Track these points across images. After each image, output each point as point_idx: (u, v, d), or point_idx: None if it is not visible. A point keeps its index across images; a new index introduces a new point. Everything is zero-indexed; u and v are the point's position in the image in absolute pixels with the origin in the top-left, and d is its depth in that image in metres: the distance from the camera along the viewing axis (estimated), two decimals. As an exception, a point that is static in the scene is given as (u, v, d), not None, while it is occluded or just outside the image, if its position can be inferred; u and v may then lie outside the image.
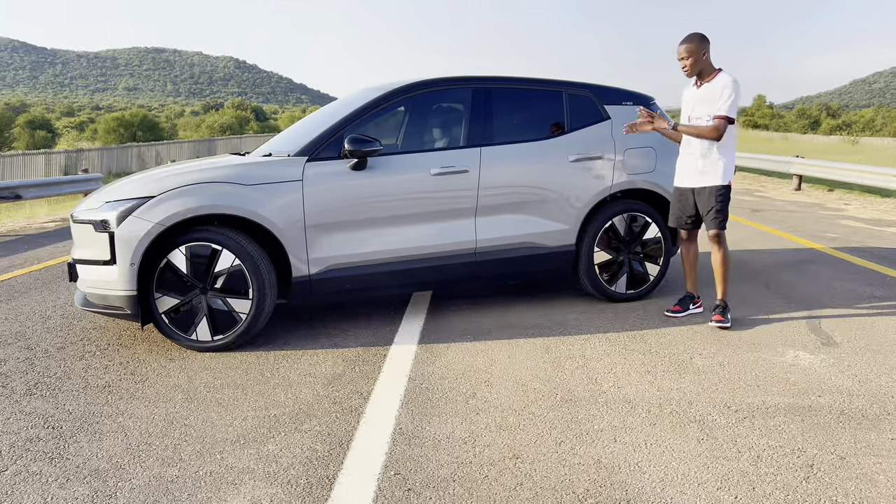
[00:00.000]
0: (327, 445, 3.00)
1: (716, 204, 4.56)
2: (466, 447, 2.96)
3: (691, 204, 4.71)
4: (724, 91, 4.43)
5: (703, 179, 4.60)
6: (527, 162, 4.91)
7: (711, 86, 4.50)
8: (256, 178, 4.29)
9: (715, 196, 4.56)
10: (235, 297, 4.22)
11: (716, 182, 4.56)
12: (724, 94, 4.43)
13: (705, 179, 4.59)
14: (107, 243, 4.09)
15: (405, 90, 4.83)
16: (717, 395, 3.48)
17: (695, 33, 4.55)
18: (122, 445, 3.02)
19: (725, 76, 4.48)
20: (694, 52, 4.50)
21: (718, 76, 4.51)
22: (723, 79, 4.47)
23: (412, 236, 4.62)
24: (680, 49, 4.56)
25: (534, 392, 3.55)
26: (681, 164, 4.77)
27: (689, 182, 4.68)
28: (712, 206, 4.57)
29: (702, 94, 4.55)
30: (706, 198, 4.59)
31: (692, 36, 4.54)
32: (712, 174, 4.57)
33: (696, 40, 4.51)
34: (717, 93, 4.45)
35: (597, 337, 4.44)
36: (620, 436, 3.04)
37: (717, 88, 4.47)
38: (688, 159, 4.68)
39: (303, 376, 3.83)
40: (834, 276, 6.04)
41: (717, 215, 4.57)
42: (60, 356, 4.21)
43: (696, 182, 4.64)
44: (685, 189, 4.73)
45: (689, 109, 4.65)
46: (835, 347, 4.18)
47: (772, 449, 2.90)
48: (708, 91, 4.51)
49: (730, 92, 4.42)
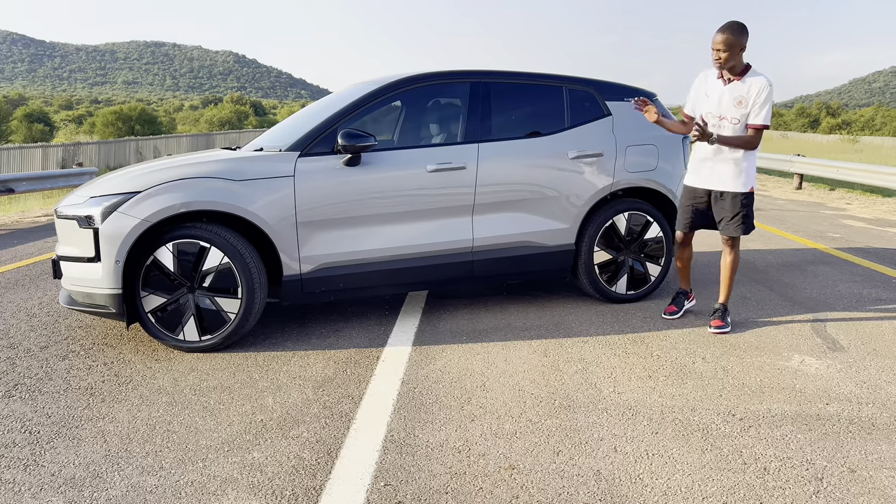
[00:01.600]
0: (315, 454, 2.87)
1: (741, 209, 4.32)
2: (460, 456, 2.84)
3: (706, 206, 4.47)
4: (760, 96, 4.13)
5: (725, 184, 4.34)
6: (526, 159, 4.78)
7: (744, 86, 4.18)
8: (247, 174, 4.15)
9: (741, 202, 4.32)
10: (224, 296, 4.09)
11: (739, 189, 4.31)
12: (761, 99, 4.13)
13: (727, 184, 4.33)
14: (91, 240, 3.96)
15: (401, 84, 4.69)
16: (721, 402, 3.36)
17: (735, 22, 4.17)
18: (100, 452, 2.89)
19: (761, 78, 4.14)
20: (732, 46, 4.10)
21: (753, 77, 4.17)
22: (759, 81, 4.14)
23: (407, 234, 4.49)
24: (717, 39, 4.13)
25: (531, 397, 3.43)
26: (699, 164, 4.45)
27: (709, 184, 4.41)
28: (738, 212, 4.32)
29: (732, 92, 4.20)
30: (728, 203, 4.35)
31: (732, 26, 4.14)
32: (735, 180, 4.30)
33: (736, 31, 4.11)
34: (753, 97, 4.14)
35: (596, 339, 4.31)
36: (621, 445, 2.91)
37: (752, 91, 4.15)
38: (705, 159, 4.39)
39: (292, 379, 3.70)
40: (838, 278, 5.91)
41: (745, 220, 4.35)
42: (43, 356, 4.07)
43: (717, 185, 4.37)
44: (701, 190, 4.46)
45: (714, 106, 4.28)
46: (841, 352, 4.06)
47: (779, 460, 2.78)
48: (740, 91, 4.18)
49: (766, 97, 4.12)
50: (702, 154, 4.45)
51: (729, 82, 4.23)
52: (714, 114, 4.30)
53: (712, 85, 4.33)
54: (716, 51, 4.16)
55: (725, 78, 4.25)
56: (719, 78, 4.28)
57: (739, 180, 4.32)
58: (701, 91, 4.42)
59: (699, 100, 4.43)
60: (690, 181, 4.57)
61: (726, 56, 4.13)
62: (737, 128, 4.24)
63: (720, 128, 4.28)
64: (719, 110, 4.27)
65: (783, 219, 9.81)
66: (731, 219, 4.38)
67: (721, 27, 4.19)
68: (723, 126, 4.27)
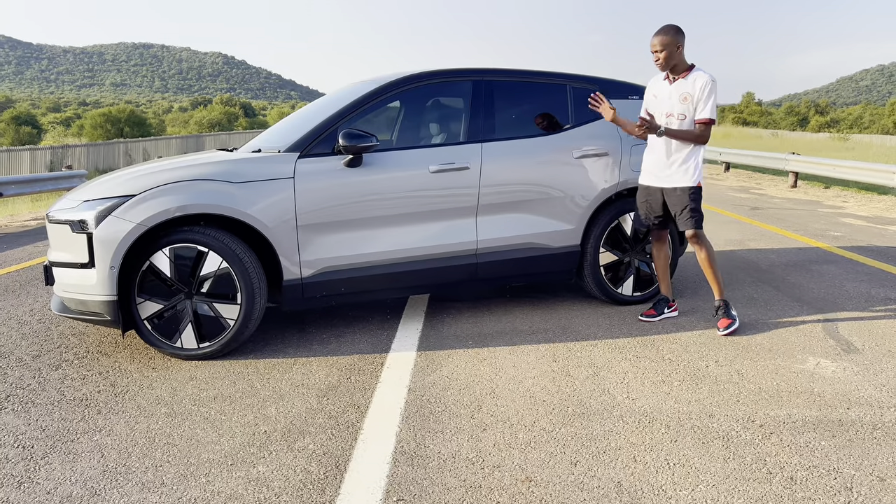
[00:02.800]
0: (323, 467, 2.76)
1: (689, 202, 4.35)
2: (474, 468, 2.73)
3: (660, 204, 4.49)
4: (704, 91, 4.22)
5: (673, 180, 4.38)
6: (530, 158, 4.68)
7: (688, 84, 4.27)
8: (245, 176, 4.03)
9: (689, 195, 4.35)
10: (223, 301, 3.96)
11: (687, 183, 4.35)
12: (705, 94, 4.22)
13: (675, 180, 4.37)
14: (85, 245, 3.82)
15: (402, 83, 4.58)
16: (739, 407, 3.26)
17: (669, 25, 4.31)
18: (98, 467, 2.77)
19: (703, 75, 4.25)
20: (668, 45, 4.22)
21: (695, 74, 4.27)
22: (701, 78, 4.24)
23: (410, 237, 4.38)
24: (654, 41, 4.28)
25: (543, 404, 3.32)
26: (648, 163, 4.53)
27: (659, 182, 4.45)
28: (686, 206, 4.36)
29: (677, 90, 4.30)
30: (678, 198, 4.38)
31: (667, 28, 4.28)
32: (683, 175, 4.35)
33: (670, 33, 4.24)
34: (697, 93, 4.24)
35: (605, 343, 4.21)
36: (640, 455, 2.81)
37: (695, 88, 4.24)
38: (656, 158, 4.45)
39: (295, 387, 3.58)
40: (845, 277, 5.84)
41: (693, 214, 4.37)
42: (35, 365, 3.94)
43: (665, 182, 4.41)
44: (653, 188, 4.50)
45: (664, 106, 4.37)
46: (857, 354, 3.97)
47: (805, 469, 2.68)
48: (684, 88, 4.28)
49: (709, 92, 4.22)
50: (652, 153, 4.51)
51: (674, 81, 4.34)
52: (662, 112, 4.39)
53: (659, 86, 4.45)
54: (654, 52, 4.31)
55: (671, 78, 4.36)
56: (665, 79, 4.40)
57: (688, 176, 4.37)
58: (650, 93, 4.52)
59: (649, 101, 4.52)
60: (643, 180, 4.60)
61: (664, 56, 4.27)
62: (683, 124, 4.33)
63: (668, 125, 4.36)
64: (667, 108, 4.37)
65: (782, 217, 9.74)
66: (681, 213, 4.41)
67: (656, 31, 4.32)
68: (670, 123, 4.36)
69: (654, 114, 4.44)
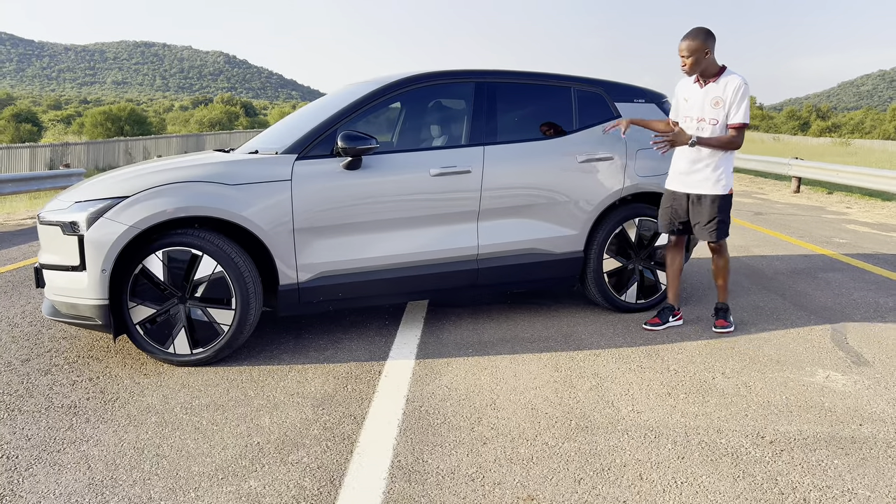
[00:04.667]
0: (317, 482, 2.65)
1: (718, 214, 4.28)
2: (474, 485, 2.62)
3: (685, 210, 4.40)
4: (736, 95, 4.14)
5: (703, 187, 4.29)
6: (533, 162, 4.58)
7: (720, 87, 4.18)
8: (241, 178, 3.93)
9: (718, 206, 4.27)
10: (217, 306, 3.86)
11: (718, 191, 4.27)
12: (738, 98, 4.14)
13: (705, 187, 4.28)
14: (76, 247, 3.72)
15: (403, 84, 4.47)
16: (748, 422, 3.16)
17: (699, 28, 4.20)
18: (83, 480, 2.66)
19: (736, 77, 4.16)
20: (696, 51, 4.13)
21: (728, 77, 4.18)
22: (733, 81, 4.15)
23: (410, 241, 4.28)
24: (681, 46, 4.19)
25: (545, 417, 3.22)
26: (677, 167, 4.42)
27: (687, 187, 4.36)
28: (714, 217, 4.28)
29: (708, 94, 4.21)
30: (706, 207, 4.29)
31: (695, 32, 4.17)
32: (714, 183, 4.27)
33: (699, 37, 4.14)
34: (730, 96, 4.15)
35: (608, 352, 4.11)
36: (647, 472, 2.71)
37: (728, 91, 4.15)
38: (685, 163, 4.34)
39: (290, 396, 3.48)
40: (852, 286, 5.73)
41: (721, 225, 4.31)
42: (24, 370, 3.84)
43: (694, 188, 4.32)
44: (680, 194, 4.41)
45: (693, 109, 4.27)
46: (867, 367, 3.87)
47: (818, 490, 2.58)
48: (716, 92, 4.18)
49: (742, 95, 4.13)
50: (678, 157, 4.41)
51: (705, 85, 4.23)
52: (693, 117, 4.29)
53: (690, 89, 4.35)
54: (681, 58, 4.21)
55: (701, 81, 4.25)
56: (695, 82, 4.30)
57: (719, 183, 4.28)
58: (681, 96, 4.41)
59: (680, 105, 4.42)
60: (669, 184, 4.50)
61: (691, 62, 4.18)
62: (716, 128, 4.23)
63: (700, 130, 4.26)
64: (698, 113, 4.26)
65: (786, 223, 9.64)
66: (707, 223, 4.32)
67: (684, 35, 4.22)
68: (702, 128, 4.26)
69: (685, 117, 4.33)
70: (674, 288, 4.62)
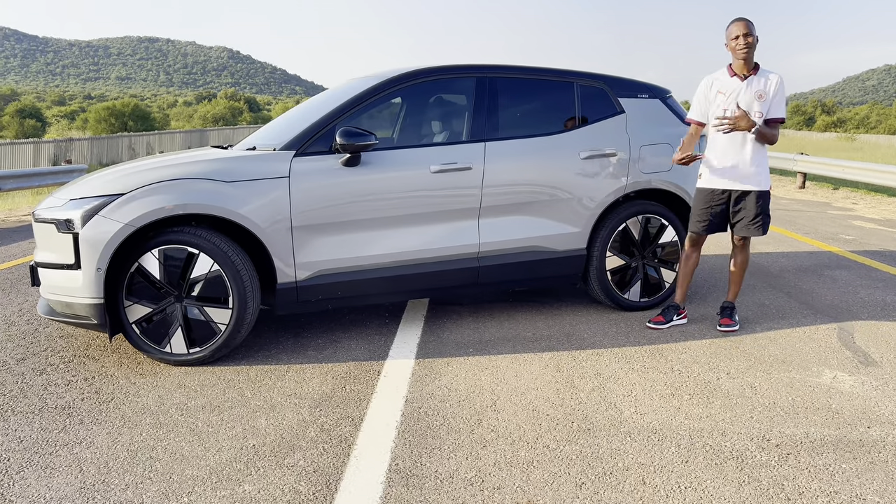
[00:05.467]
0: (313, 486, 2.60)
1: (762, 209, 4.26)
2: (473, 489, 2.57)
3: (724, 208, 4.32)
4: (779, 90, 4.15)
5: (750, 183, 4.22)
6: (535, 159, 4.51)
7: (763, 80, 4.15)
8: (238, 174, 3.87)
9: (763, 201, 4.25)
10: (214, 305, 3.81)
11: (763, 187, 4.24)
12: (781, 92, 4.15)
13: (752, 183, 4.22)
14: (71, 245, 3.67)
15: (403, 79, 4.41)
16: (753, 424, 3.09)
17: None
18: (75, 483, 2.61)
19: (775, 73, 4.18)
20: (754, 31, 4.12)
21: (765, 72, 4.18)
22: (774, 76, 4.17)
23: (410, 239, 4.21)
24: (740, 26, 4.10)
25: (546, 419, 3.16)
26: (716, 165, 4.28)
27: (730, 185, 4.26)
28: (759, 212, 4.25)
29: (751, 86, 4.13)
30: (752, 203, 4.24)
31: (745, 19, 4.17)
32: (757, 178, 4.23)
33: (750, 22, 4.15)
34: (773, 90, 4.14)
35: (611, 352, 4.05)
36: (650, 477, 2.65)
37: (770, 85, 4.14)
38: (728, 160, 4.23)
39: (287, 397, 3.42)
40: (858, 284, 5.66)
41: (765, 219, 4.30)
42: (19, 369, 3.79)
43: (741, 185, 4.23)
44: (719, 191, 4.29)
45: (741, 102, 4.12)
46: (875, 367, 3.80)
47: (826, 495, 2.51)
48: (759, 86, 4.14)
49: (783, 90, 4.16)
50: (719, 154, 4.29)
51: (745, 78, 4.16)
52: (731, 109, 4.16)
53: (726, 83, 4.23)
54: (743, 35, 4.10)
55: (741, 74, 4.18)
56: (733, 76, 4.21)
57: (762, 178, 4.25)
58: (712, 93, 4.29)
59: (712, 101, 4.28)
60: (708, 182, 4.35)
61: (752, 39, 4.10)
62: (760, 122, 4.14)
63: None
64: (745, 105, 4.15)
65: (791, 220, 9.56)
66: (753, 219, 4.28)
67: (737, 18, 4.17)
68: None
69: (724, 109, 4.19)
70: (683, 287, 4.55)
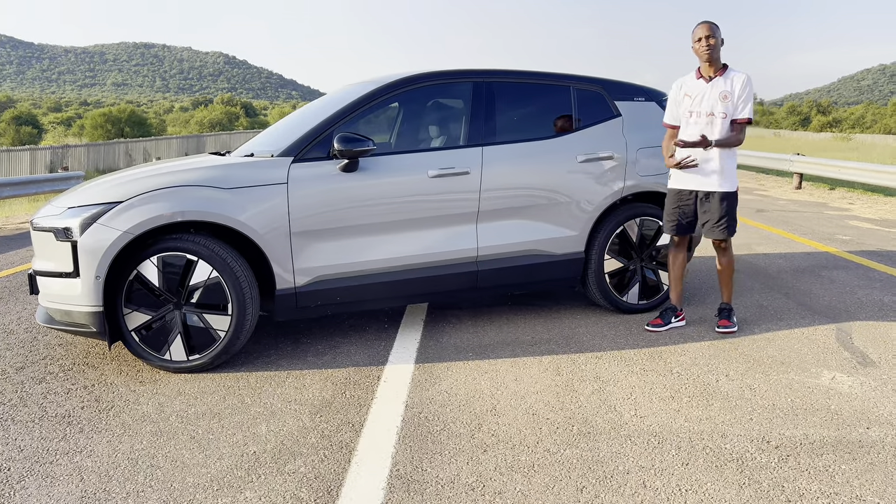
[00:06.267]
0: (314, 492, 2.60)
1: (726, 211, 4.26)
2: (474, 494, 2.57)
3: (692, 209, 4.36)
4: (745, 90, 4.18)
5: (712, 184, 4.26)
6: (532, 163, 4.52)
7: (727, 81, 4.19)
8: (236, 181, 3.88)
9: (727, 202, 4.26)
10: (213, 312, 3.81)
11: (726, 188, 4.25)
12: (745, 93, 4.18)
13: (712, 184, 4.26)
14: (69, 254, 3.67)
15: (400, 84, 4.42)
16: (753, 426, 3.10)
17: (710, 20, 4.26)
18: (76, 493, 2.61)
19: (742, 74, 4.20)
20: (716, 33, 4.18)
21: (731, 72, 4.21)
22: (739, 76, 4.19)
23: (408, 244, 4.22)
24: (702, 28, 4.19)
25: (546, 423, 3.16)
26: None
27: (695, 185, 4.31)
28: (723, 214, 4.26)
29: (716, 88, 4.19)
30: (715, 205, 4.26)
31: (710, 21, 4.24)
32: (721, 179, 4.25)
33: (715, 25, 4.21)
34: (738, 91, 4.16)
35: (610, 355, 4.05)
36: (650, 480, 2.65)
37: (735, 86, 4.17)
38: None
39: (287, 403, 3.42)
40: (856, 284, 5.67)
41: (731, 223, 4.30)
42: (18, 378, 3.79)
43: (704, 186, 4.28)
44: (686, 192, 4.36)
45: (704, 105, 4.22)
46: (873, 368, 3.81)
47: (826, 497, 2.52)
48: (724, 86, 4.18)
49: (749, 90, 4.17)
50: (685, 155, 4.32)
51: (710, 80, 4.23)
52: (703, 111, 4.24)
53: (693, 85, 4.31)
54: (705, 38, 4.18)
55: (706, 76, 4.25)
56: (699, 78, 4.28)
57: (726, 180, 4.27)
58: (679, 95, 4.37)
59: (681, 103, 4.36)
60: (675, 183, 4.44)
61: (714, 42, 4.15)
62: (725, 122, 4.21)
63: (711, 124, 4.22)
64: (708, 107, 4.23)
65: (788, 220, 9.58)
66: (717, 221, 4.30)
67: (701, 22, 4.25)
68: (712, 122, 4.22)
69: (690, 112, 4.28)
70: (677, 288, 4.57)
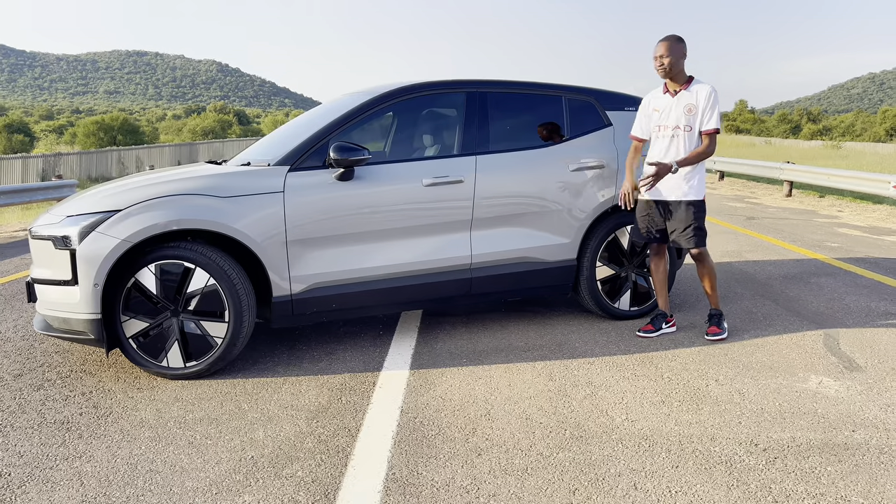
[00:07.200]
0: (311, 496, 2.65)
1: (694, 221, 4.32)
2: (469, 497, 2.62)
3: (661, 218, 4.43)
4: (708, 101, 4.24)
5: (677, 193, 4.33)
6: (525, 171, 4.59)
7: (691, 95, 4.27)
8: (233, 190, 3.93)
9: (694, 212, 4.32)
10: (210, 319, 3.85)
11: (691, 197, 4.32)
12: (709, 104, 4.23)
13: (679, 194, 4.32)
14: (68, 262, 3.71)
15: (395, 94, 4.49)
16: (742, 429, 3.16)
17: (673, 35, 4.33)
18: (76, 497, 2.65)
19: (705, 85, 4.27)
20: (673, 52, 4.23)
21: (696, 85, 4.28)
22: (704, 88, 4.26)
23: (403, 251, 4.28)
24: (659, 47, 4.27)
25: (540, 427, 3.22)
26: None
27: (660, 195, 4.38)
28: (691, 224, 4.32)
29: (681, 101, 4.28)
30: (682, 214, 4.33)
31: (671, 37, 4.30)
32: (688, 189, 4.32)
33: (674, 40, 4.27)
34: (702, 103, 4.23)
35: (602, 360, 4.12)
36: (641, 482, 2.71)
37: (700, 98, 4.24)
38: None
39: (284, 409, 3.47)
40: (844, 290, 5.76)
41: (698, 232, 4.35)
42: (17, 385, 3.82)
43: (669, 195, 4.35)
44: (654, 202, 4.43)
45: (670, 119, 4.30)
46: (860, 372, 3.88)
47: (812, 498, 2.59)
48: (688, 99, 4.26)
49: (713, 101, 4.23)
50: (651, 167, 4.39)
51: (676, 94, 4.31)
52: (669, 125, 4.32)
53: (660, 100, 4.40)
54: (659, 57, 4.26)
55: (672, 91, 4.33)
56: (665, 93, 4.37)
57: (693, 189, 4.33)
58: (648, 110, 4.46)
59: (650, 118, 4.45)
60: (643, 194, 4.48)
61: (669, 61, 4.22)
62: (691, 135, 4.28)
63: (675, 137, 4.29)
64: (674, 121, 4.30)
65: (778, 228, 9.68)
66: (684, 230, 4.36)
67: (661, 39, 4.32)
68: (677, 135, 4.29)
69: (658, 127, 4.36)
70: (662, 295, 4.64)
